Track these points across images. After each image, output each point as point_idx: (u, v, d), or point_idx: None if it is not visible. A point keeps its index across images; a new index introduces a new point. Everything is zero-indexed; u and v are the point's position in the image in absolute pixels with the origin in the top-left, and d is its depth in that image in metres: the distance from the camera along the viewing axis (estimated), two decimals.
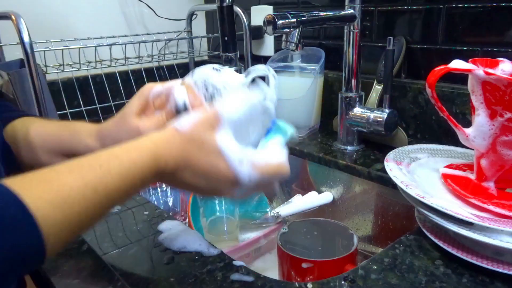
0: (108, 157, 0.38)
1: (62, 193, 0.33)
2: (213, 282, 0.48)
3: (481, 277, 0.47)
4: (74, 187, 0.34)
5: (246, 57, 1.08)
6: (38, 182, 0.33)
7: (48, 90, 0.91)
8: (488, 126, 0.52)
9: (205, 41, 1.39)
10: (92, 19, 1.17)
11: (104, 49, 1.03)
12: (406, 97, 0.88)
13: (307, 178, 0.92)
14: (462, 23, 0.80)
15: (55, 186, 0.33)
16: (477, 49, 0.78)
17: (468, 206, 0.52)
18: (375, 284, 0.47)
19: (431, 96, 0.54)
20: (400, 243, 0.54)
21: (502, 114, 0.50)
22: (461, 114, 0.79)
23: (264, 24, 0.70)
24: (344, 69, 0.85)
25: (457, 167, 0.62)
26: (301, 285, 0.47)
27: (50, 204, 0.31)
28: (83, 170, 0.35)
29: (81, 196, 0.34)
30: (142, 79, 1.18)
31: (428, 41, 0.85)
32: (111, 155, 0.38)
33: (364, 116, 0.84)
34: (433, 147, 0.69)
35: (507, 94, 0.49)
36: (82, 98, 1.06)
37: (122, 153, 0.39)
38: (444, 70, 0.52)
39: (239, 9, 1.04)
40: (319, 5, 1.05)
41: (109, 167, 0.36)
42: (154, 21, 1.27)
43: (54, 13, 1.10)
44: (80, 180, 0.34)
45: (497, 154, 0.53)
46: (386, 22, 0.92)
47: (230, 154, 0.41)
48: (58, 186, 0.33)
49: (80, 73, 1.07)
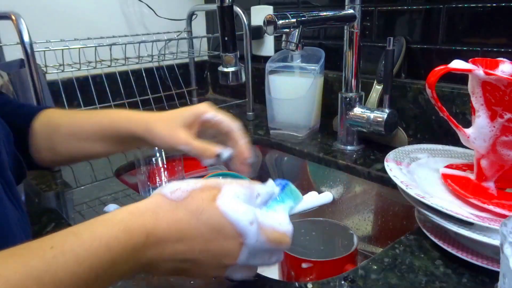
0: (65, 235, 0.30)
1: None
2: (213, 282, 0.48)
3: (481, 277, 0.47)
4: (12, 279, 0.26)
5: (246, 57, 1.08)
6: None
7: (48, 90, 0.91)
8: (488, 128, 0.52)
9: (205, 41, 1.39)
10: (92, 19, 1.17)
11: (104, 49, 1.03)
12: (406, 97, 0.88)
13: (307, 178, 0.92)
14: (462, 23, 0.80)
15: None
16: (477, 49, 0.78)
17: (468, 206, 0.52)
18: (375, 284, 0.47)
19: (431, 96, 0.54)
20: (400, 243, 0.54)
21: (502, 115, 0.50)
22: (461, 114, 0.79)
23: (264, 24, 0.70)
24: (344, 69, 0.85)
25: (457, 167, 0.62)
26: (301, 285, 0.47)
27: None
28: (29, 253, 0.28)
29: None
30: (142, 79, 1.18)
31: (428, 41, 0.85)
32: (69, 232, 0.31)
33: (364, 116, 0.84)
34: (433, 147, 0.69)
35: (507, 94, 0.49)
36: (82, 98, 1.06)
37: (83, 229, 0.31)
38: (444, 70, 0.52)
39: (239, 9, 1.04)
40: (319, 5, 1.05)
41: (63, 249, 0.28)
42: (154, 21, 1.27)
43: (54, 13, 1.10)
44: (21, 268, 0.27)
45: (497, 154, 0.53)
46: (386, 22, 0.92)
47: (236, 216, 0.36)
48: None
49: (80, 73, 1.07)
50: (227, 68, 0.65)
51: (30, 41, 0.75)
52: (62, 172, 0.83)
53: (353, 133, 0.87)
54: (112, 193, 0.73)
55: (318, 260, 0.59)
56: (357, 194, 0.82)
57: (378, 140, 0.89)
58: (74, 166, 0.86)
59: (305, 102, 0.95)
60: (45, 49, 0.94)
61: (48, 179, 0.79)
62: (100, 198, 0.71)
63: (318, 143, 0.93)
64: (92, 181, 0.78)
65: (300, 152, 0.91)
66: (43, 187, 0.76)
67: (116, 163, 0.86)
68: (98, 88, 1.11)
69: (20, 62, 0.94)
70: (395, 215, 0.76)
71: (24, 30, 0.74)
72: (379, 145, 0.88)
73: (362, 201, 0.81)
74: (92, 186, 0.76)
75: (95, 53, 1.02)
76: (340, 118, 0.88)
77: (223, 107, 1.22)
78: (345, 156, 0.85)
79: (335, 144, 0.90)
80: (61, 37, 1.02)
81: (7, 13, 0.76)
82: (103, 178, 0.80)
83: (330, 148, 0.89)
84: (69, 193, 0.74)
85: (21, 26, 0.74)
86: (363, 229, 0.82)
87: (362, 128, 0.85)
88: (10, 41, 0.92)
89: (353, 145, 0.88)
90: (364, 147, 0.88)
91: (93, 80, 1.10)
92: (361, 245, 0.83)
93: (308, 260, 0.59)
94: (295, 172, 0.93)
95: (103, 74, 1.11)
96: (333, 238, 0.70)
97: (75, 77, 1.05)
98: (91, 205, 0.69)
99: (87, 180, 0.79)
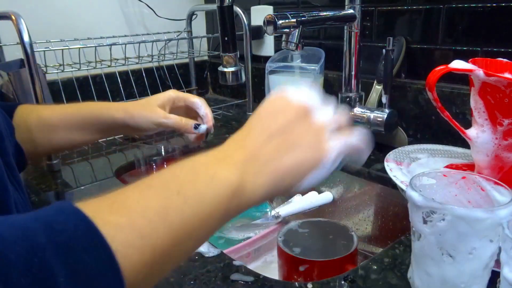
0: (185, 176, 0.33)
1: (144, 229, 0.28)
2: (213, 282, 0.48)
3: None
4: (151, 207, 0.29)
5: (246, 57, 1.08)
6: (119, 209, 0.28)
7: (48, 90, 0.91)
8: (492, 142, 0.52)
9: (205, 41, 1.39)
10: (92, 19, 1.17)
11: (104, 49, 1.03)
12: (406, 97, 0.88)
13: None
14: (462, 23, 0.80)
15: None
16: (477, 49, 0.78)
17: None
18: (375, 284, 0.47)
19: (432, 98, 0.54)
20: (400, 243, 0.54)
21: (501, 123, 0.50)
22: (461, 114, 0.79)
23: (264, 24, 0.70)
24: (344, 69, 0.85)
25: (457, 167, 0.62)
26: (301, 285, 0.47)
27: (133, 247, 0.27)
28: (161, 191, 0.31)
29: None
30: (142, 79, 1.18)
31: (428, 41, 0.85)
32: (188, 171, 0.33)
33: (364, 116, 0.84)
34: (433, 147, 0.69)
35: (506, 96, 0.49)
36: (82, 98, 1.06)
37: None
38: (444, 70, 0.52)
39: (239, 9, 1.04)
40: (319, 5, 1.05)
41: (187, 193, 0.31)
42: (154, 21, 1.27)
43: (54, 13, 1.10)
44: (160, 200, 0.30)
45: (498, 157, 0.53)
46: (386, 22, 0.92)
47: None
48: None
49: (80, 73, 1.07)
50: (227, 68, 0.65)
51: (30, 41, 0.75)
52: (62, 172, 0.83)
53: None
54: None
55: (318, 260, 0.59)
56: (357, 194, 0.82)
57: (378, 140, 0.89)
58: (74, 166, 0.86)
59: None
60: (45, 49, 0.94)
61: (48, 179, 0.79)
62: None
63: None
64: (92, 181, 0.78)
65: None
66: (43, 187, 0.76)
67: (116, 163, 0.86)
68: (98, 88, 1.11)
69: (20, 62, 0.94)
70: (395, 215, 0.76)
71: (24, 30, 0.74)
72: (379, 145, 0.88)
73: (362, 201, 0.81)
74: (92, 186, 0.76)
75: (95, 53, 1.02)
76: None
77: (223, 107, 1.22)
78: None
79: None
80: (61, 37, 1.01)
81: (7, 13, 0.75)
82: (103, 178, 0.80)
83: None
84: (69, 193, 0.74)
85: (21, 26, 0.74)
86: (363, 229, 0.82)
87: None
88: (10, 41, 0.92)
89: None
90: None
91: (93, 80, 1.10)
92: (361, 245, 0.83)
93: (308, 260, 0.59)
94: None
95: (103, 74, 1.11)
96: (333, 238, 0.70)
97: (75, 77, 1.05)
98: None
99: (87, 180, 0.79)
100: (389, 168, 0.60)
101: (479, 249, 0.37)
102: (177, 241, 0.29)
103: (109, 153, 0.92)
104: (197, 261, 0.52)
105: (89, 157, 0.91)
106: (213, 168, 0.33)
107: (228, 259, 0.52)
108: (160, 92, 0.65)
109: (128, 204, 0.28)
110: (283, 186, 0.35)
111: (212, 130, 0.65)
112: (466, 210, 0.36)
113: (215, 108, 1.21)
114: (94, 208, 0.27)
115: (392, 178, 0.57)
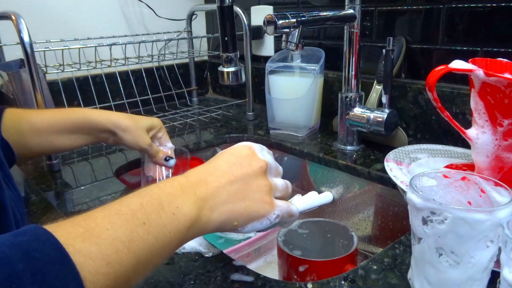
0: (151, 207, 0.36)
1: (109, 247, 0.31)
2: (213, 282, 0.48)
3: None
4: (120, 236, 0.32)
5: (246, 57, 1.08)
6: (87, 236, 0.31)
7: (48, 90, 0.91)
8: (492, 143, 0.52)
9: (205, 41, 1.39)
10: (92, 19, 1.17)
11: (104, 49, 1.03)
12: (406, 97, 0.88)
13: (307, 178, 0.92)
14: (462, 23, 0.80)
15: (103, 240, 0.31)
16: (477, 49, 0.78)
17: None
18: (375, 284, 0.47)
19: (432, 98, 0.54)
20: (400, 243, 0.54)
21: (502, 123, 0.50)
22: (461, 114, 0.79)
23: (264, 24, 0.70)
24: (344, 69, 0.85)
25: (457, 167, 0.62)
26: (301, 285, 0.47)
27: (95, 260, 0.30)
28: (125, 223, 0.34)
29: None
30: (142, 79, 1.18)
31: (428, 41, 0.85)
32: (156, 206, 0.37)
33: (364, 116, 0.84)
34: (433, 147, 0.69)
35: (506, 96, 0.49)
36: (82, 98, 1.06)
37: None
38: (444, 70, 0.52)
39: (239, 9, 1.04)
40: (319, 5, 1.05)
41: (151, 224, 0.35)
42: (154, 21, 1.27)
43: (54, 13, 1.10)
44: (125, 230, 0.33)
45: (498, 158, 0.53)
46: (386, 22, 0.92)
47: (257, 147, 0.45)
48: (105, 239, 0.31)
49: (80, 73, 1.07)
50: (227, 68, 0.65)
51: (30, 41, 0.75)
52: (62, 172, 0.83)
53: (353, 133, 0.87)
54: (112, 193, 0.73)
55: (318, 260, 0.59)
56: (357, 194, 0.82)
57: (378, 140, 0.89)
58: (74, 166, 0.86)
59: (305, 102, 0.95)
60: (45, 49, 0.94)
61: (48, 179, 0.79)
62: (100, 198, 0.71)
63: (318, 143, 0.93)
64: (92, 181, 0.78)
65: (300, 152, 0.91)
66: (43, 187, 0.76)
67: (116, 163, 0.86)
68: (98, 88, 1.11)
69: (20, 62, 0.94)
70: (395, 215, 0.76)
71: (24, 30, 0.74)
72: (379, 145, 0.88)
73: (362, 201, 0.81)
74: (92, 186, 0.76)
75: (95, 53, 1.02)
76: (340, 118, 0.88)
77: (223, 107, 1.22)
78: (345, 156, 0.85)
79: (335, 144, 0.90)
80: (61, 37, 1.02)
81: (7, 13, 0.75)
82: (103, 178, 0.80)
83: (330, 148, 0.89)
84: (69, 193, 0.74)
85: (21, 26, 0.74)
86: (363, 229, 0.82)
87: (362, 128, 0.85)
88: (10, 41, 0.92)
89: (353, 145, 0.88)
90: (364, 147, 0.88)
91: (93, 80, 1.10)
92: (361, 245, 0.83)
93: (308, 260, 0.59)
94: (295, 172, 0.93)
95: (103, 74, 1.11)
96: (333, 238, 0.70)
97: (75, 77, 1.05)
98: (91, 205, 0.69)
99: (87, 180, 0.79)
100: (389, 168, 0.60)
101: (479, 251, 0.37)
102: (138, 267, 0.33)
103: (109, 153, 0.92)
104: (197, 261, 0.52)
105: (89, 157, 0.91)
106: (176, 202, 0.37)
107: (228, 259, 0.52)
108: (147, 116, 0.73)
109: (97, 233, 0.31)
110: (231, 225, 0.41)
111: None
112: (466, 211, 0.36)
113: (215, 108, 1.21)
114: (67, 235, 0.30)
115: (392, 178, 0.57)
